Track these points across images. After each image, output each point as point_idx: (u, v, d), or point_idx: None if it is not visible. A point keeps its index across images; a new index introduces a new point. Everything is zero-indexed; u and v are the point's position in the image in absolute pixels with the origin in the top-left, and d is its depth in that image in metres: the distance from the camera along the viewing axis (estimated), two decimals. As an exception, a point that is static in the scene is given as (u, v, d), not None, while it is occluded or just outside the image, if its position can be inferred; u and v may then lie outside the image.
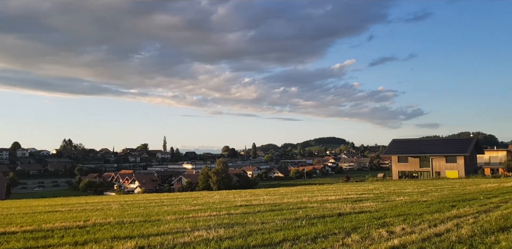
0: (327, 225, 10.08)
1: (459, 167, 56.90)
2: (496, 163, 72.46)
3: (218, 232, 9.32)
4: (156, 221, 12.26)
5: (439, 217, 11.17)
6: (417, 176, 59.71)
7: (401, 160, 62.37)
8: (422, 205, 15.05)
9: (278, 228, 9.92)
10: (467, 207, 13.71)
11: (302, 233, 8.95)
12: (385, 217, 11.63)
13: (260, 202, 18.64)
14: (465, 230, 8.76)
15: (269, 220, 11.51)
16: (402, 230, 9.16)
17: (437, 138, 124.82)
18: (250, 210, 14.71)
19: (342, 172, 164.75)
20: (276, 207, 15.95)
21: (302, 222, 10.70)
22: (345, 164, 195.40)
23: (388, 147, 68.10)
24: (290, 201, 18.65)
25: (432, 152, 60.00)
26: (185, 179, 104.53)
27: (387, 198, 19.13)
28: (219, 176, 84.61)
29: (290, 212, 13.45)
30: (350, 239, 8.17)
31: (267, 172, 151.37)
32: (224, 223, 11.06)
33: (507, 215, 11.24)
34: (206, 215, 13.61)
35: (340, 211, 13.20)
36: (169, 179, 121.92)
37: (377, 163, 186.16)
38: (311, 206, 15.77)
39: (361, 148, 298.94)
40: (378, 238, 8.28)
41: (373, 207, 14.69)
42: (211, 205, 18.77)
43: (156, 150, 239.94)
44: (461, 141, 66.39)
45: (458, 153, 57.75)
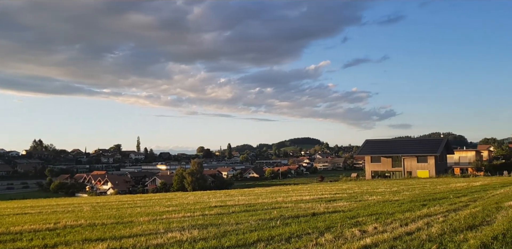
0: (301, 225, 10.13)
1: (430, 167, 58.21)
2: (466, 163, 74.43)
3: (192, 233, 9.25)
4: (128, 223, 12.07)
5: (410, 216, 11.38)
6: (390, 175, 60.78)
7: (374, 160, 63.36)
8: (394, 204, 15.32)
9: (253, 228, 9.92)
10: (437, 206, 14.02)
11: (276, 233, 8.97)
12: (358, 216, 11.79)
13: (235, 203, 18.61)
14: (435, 229, 8.94)
15: (243, 220, 11.49)
16: (374, 229, 9.29)
17: (408, 138, 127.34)
18: (224, 211, 14.66)
19: (317, 172, 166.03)
20: (251, 207, 15.95)
21: (276, 222, 10.73)
22: (319, 164, 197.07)
23: (362, 147, 69.09)
24: (265, 201, 18.68)
25: (404, 152, 61.18)
26: (159, 180, 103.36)
27: (360, 197, 19.39)
28: (193, 176, 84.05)
29: (265, 212, 13.47)
30: (323, 238, 8.23)
31: (242, 172, 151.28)
32: (198, 224, 10.99)
33: (475, 213, 11.55)
34: (180, 216, 13.49)
35: (314, 211, 13.30)
36: (142, 180, 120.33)
37: (351, 163, 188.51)
38: (285, 206, 15.84)
39: (335, 148, 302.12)
40: (351, 237, 8.38)
41: (346, 206, 14.86)
42: (185, 206, 18.62)
43: (130, 151, 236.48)
44: (431, 141, 67.99)
45: (429, 153, 59.08)
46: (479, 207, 13.19)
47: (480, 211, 11.99)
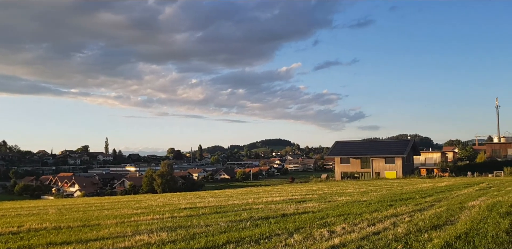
0: (271, 226, 10.16)
1: (397, 168, 59.50)
2: (431, 164, 76.42)
3: (160, 236, 9.13)
4: (95, 226, 11.83)
5: (378, 216, 11.60)
6: (358, 176, 61.78)
7: (344, 161, 64.28)
8: (362, 204, 15.58)
9: (222, 230, 9.88)
10: (404, 206, 14.34)
11: (246, 235, 8.97)
12: (327, 217, 11.92)
13: (205, 204, 18.52)
14: (401, 229, 9.14)
15: (213, 222, 11.45)
16: (342, 229, 9.42)
17: (377, 140, 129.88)
18: (194, 213, 14.56)
19: (288, 173, 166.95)
20: (221, 209, 15.90)
21: (246, 224, 10.73)
22: (290, 165, 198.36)
23: (332, 148, 69.98)
24: (235, 203, 18.66)
25: (372, 153, 62.32)
26: (128, 182, 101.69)
27: (330, 198, 19.64)
28: (163, 178, 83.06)
29: (235, 214, 13.46)
30: (292, 239, 8.28)
31: (213, 174, 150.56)
32: (167, 227, 10.87)
33: (440, 213, 11.87)
34: (149, 218, 13.32)
35: (284, 212, 13.38)
36: (111, 182, 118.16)
37: (321, 164, 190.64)
38: (256, 207, 15.87)
39: (306, 150, 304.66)
40: (320, 238, 8.46)
41: (316, 207, 15.01)
42: (154, 208, 18.40)
43: (98, 152, 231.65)
44: (399, 143, 69.52)
45: (396, 154, 60.37)
46: (443, 207, 13.56)
47: (445, 211, 12.33)
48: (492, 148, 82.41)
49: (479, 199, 15.93)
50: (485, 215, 11.06)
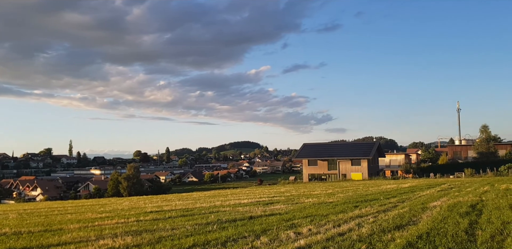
0: (238, 229, 10.16)
1: (363, 170, 60.61)
2: (396, 166, 78.31)
3: (125, 240, 8.97)
4: (58, 231, 11.51)
5: (343, 217, 11.78)
6: (326, 178, 62.57)
7: (311, 163, 64.96)
8: (328, 206, 15.78)
9: (189, 233, 9.80)
10: (369, 207, 14.62)
11: (212, 238, 8.93)
12: (293, 218, 12.01)
13: (172, 208, 18.32)
14: (365, 229, 9.31)
15: (179, 225, 11.34)
16: (308, 231, 9.51)
17: (344, 142, 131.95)
18: (160, 216, 14.38)
19: (256, 175, 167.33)
20: (188, 212, 15.78)
21: (213, 227, 10.68)
22: (259, 167, 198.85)
23: (299, 150, 70.62)
24: (203, 206, 18.56)
25: (339, 155, 63.27)
26: (92, 185, 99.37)
27: (297, 200, 19.80)
28: (130, 181, 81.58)
29: (202, 217, 13.38)
30: (259, 241, 8.30)
31: (181, 176, 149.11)
32: (132, 231, 10.68)
33: (403, 214, 12.16)
34: (114, 222, 13.06)
35: (251, 214, 13.39)
36: (75, 186, 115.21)
37: (289, 166, 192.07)
38: (223, 210, 15.82)
39: (274, 152, 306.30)
40: (286, 239, 8.52)
41: (283, 209, 15.10)
42: (119, 212, 18.07)
43: (61, 155, 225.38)
44: (365, 145, 70.84)
45: (362, 156, 61.51)
46: (406, 208, 13.91)
47: (407, 212, 12.65)
48: (454, 150, 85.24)
49: (440, 200, 16.42)
50: (446, 215, 11.41)
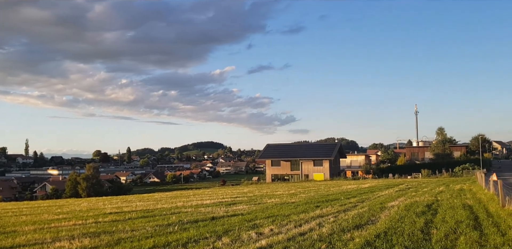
0: (200, 230, 10.08)
1: (325, 170, 61.56)
2: (356, 166, 79.98)
3: (82, 242, 8.72)
4: (11, 233, 11.07)
5: (305, 217, 11.91)
6: (289, 178, 63.12)
7: (274, 163, 65.37)
8: (290, 206, 15.93)
9: (149, 235, 9.64)
10: (330, 207, 14.86)
11: (173, 239, 8.82)
12: (256, 219, 12.05)
13: (132, 209, 17.99)
14: (326, 229, 9.45)
15: (140, 227, 11.14)
16: (270, 231, 9.55)
17: (306, 143, 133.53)
18: (120, 218, 14.09)
19: (220, 176, 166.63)
20: (149, 213, 15.53)
21: (174, 228, 10.56)
22: (222, 168, 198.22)
23: (263, 151, 70.92)
24: (164, 207, 18.32)
25: (301, 156, 63.99)
26: (50, 186, 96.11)
27: (260, 200, 19.88)
28: (89, 182, 79.42)
29: (163, 218, 13.20)
30: (220, 242, 8.27)
31: (142, 177, 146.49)
32: (90, 232, 10.41)
33: (362, 213, 12.44)
34: (71, 224, 12.68)
35: (213, 215, 13.33)
36: (31, 186, 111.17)
37: (253, 167, 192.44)
38: (185, 211, 15.67)
39: (238, 152, 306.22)
40: (248, 239, 8.52)
41: (245, 209, 15.12)
42: (77, 213, 17.58)
43: (17, 154, 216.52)
44: (327, 146, 71.97)
45: (324, 157, 62.45)
46: (366, 208, 14.23)
47: (367, 211, 12.94)
48: (412, 151, 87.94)
49: (398, 200, 16.90)
50: (403, 214, 11.75)
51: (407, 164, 77.71)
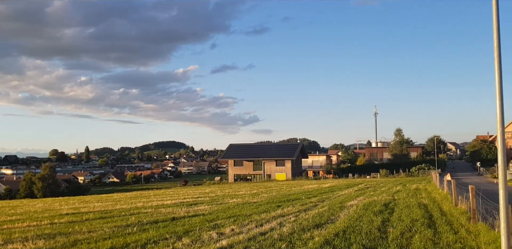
0: (159, 230, 9.94)
1: (287, 170, 62.13)
2: (318, 166, 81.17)
3: (36, 244, 8.42)
4: (-42, 236, 10.51)
5: (266, 217, 11.97)
6: (251, 178, 63.29)
7: (237, 163, 65.39)
8: (252, 206, 15.97)
9: (107, 236, 9.42)
10: (291, 206, 15.01)
11: (132, 240, 8.65)
12: (217, 219, 12.00)
13: (90, 210, 17.54)
14: (287, 228, 9.54)
15: (97, 228, 10.86)
16: (231, 231, 9.54)
17: (269, 143, 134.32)
18: (77, 219, 13.70)
19: (181, 176, 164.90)
20: (107, 214, 15.18)
21: (133, 229, 10.36)
22: (184, 168, 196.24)
23: (226, 151, 70.79)
24: (123, 207, 17.96)
25: (264, 156, 64.30)
26: (3, 186, 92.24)
27: (222, 200, 19.83)
28: (45, 182, 76.78)
29: (122, 219, 12.93)
30: (181, 243, 8.18)
31: (101, 177, 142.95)
32: (45, 234, 10.06)
33: (322, 213, 12.63)
34: (25, 225, 12.22)
35: (174, 216, 13.18)
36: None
37: (215, 167, 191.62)
38: (145, 211, 15.42)
39: (200, 152, 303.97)
40: (208, 240, 8.48)
41: (207, 210, 15.04)
42: (32, 214, 16.96)
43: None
44: (289, 146, 72.67)
45: (286, 157, 63.03)
46: (326, 207, 14.46)
47: (327, 211, 13.15)
48: (371, 152, 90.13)
49: (357, 199, 17.28)
50: (361, 213, 12.03)
51: (366, 164, 79.60)
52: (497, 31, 5.74)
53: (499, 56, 5.71)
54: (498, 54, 5.71)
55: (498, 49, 5.72)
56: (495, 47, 5.71)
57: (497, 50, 5.71)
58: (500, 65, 5.72)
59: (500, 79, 5.69)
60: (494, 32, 5.73)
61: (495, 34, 5.73)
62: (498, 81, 5.68)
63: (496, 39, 5.73)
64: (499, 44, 5.73)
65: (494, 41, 5.73)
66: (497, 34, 5.73)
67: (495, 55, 5.70)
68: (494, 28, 5.75)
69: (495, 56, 5.70)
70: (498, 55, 5.71)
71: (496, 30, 5.74)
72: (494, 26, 5.75)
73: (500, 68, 5.70)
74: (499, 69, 5.70)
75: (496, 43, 5.72)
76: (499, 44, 5.73)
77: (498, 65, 5.70)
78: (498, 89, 5.69)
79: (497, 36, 5.73)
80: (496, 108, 5.70)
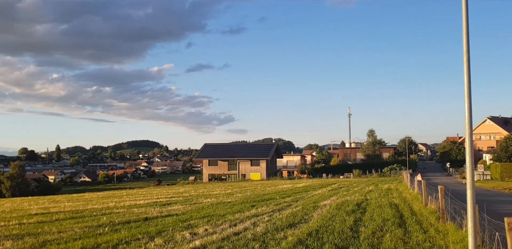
0: (132, 231, 9.81)
1: (262, 170, 62.28)
2: (292, 166, 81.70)
3: (4, 245, 8.20)
4: None
5: (240, 217, 11.97)
6: (226, 178, 63.17)
7: (212, 163, 65.15)
8: (226, 206, 15.94)
9: (77, 236, 9.23)
10: (265, 206, 15.05)
11: (103, 241, 8.51)
12: (191, 219, 11.93)
13: (60, 209, 17.17)
14: (260, 228, 9.56)
15: (67, 228, 10.64)
16: (205, 231, 9.50)
17: (244, 143, 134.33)
18: (47, 219, 13.38)
19: (155, 175, 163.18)
20: (78, 214, 14.89)
21: (105, 229, 10.19)
22: (158, 167, 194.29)
23: (200, 150, 70.44)
24: (95, 207, 17.65)
25: (239, 156, 64.29)
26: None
27: (196, 200, 19.71)
28: (13, 181, 74.72)
29: (93, 219, 12.70)
30: (153, 243, 8.09)
31: (72, 176, 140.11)
32: (12, 234, 9.79)
33: (296, 212, 12.72)
34: (-9, 226, 11.85)
35: (147, 216, 13.03)
36: None
37: (189, 166, 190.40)
38: (117, 211, 15.18)
39: (175, 152, 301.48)
40: (181, 240, 8.41)
41: (180, 210, 14.93)
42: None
43: None
44: (264, 146, 72.85)
45: (261, 157, 63.18)
46: (299, 207, 14.56)
47: (300, 210, 13.25)
48: (344, 152, 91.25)
49: (330, 199, 17.47)
50: (334, 213, 12.17)
51: (340, 164, 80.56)
52: (466, 34, 5.89)
53: (468, 59, 5.86)
54: (467, 58, 5.87)
55: (467, 52, 5.88)
56: (464, 50, 5.87)
57: (466, 53, 5.86)
58: (469, 68, 5.87)
59: (468, 82, 5.84)
60: (464, 35, 5.88)
61: (465, 37, 5.88)
62: (466, 84, 5.84)
63: (466, 42, 5.88)
64: (468, 47, 5.89)
65: (464, 43, 5.88)
66: (467, 37, 5.88)
67: (464, 58, 5.85)
68: (463, 31, 5.90)
69: (464, 59, 5.85)
70: (467, 58, 5.87)
71: (465, 33, 5.90)
72: (464, 29, 5.90)
73: (469, 71, 5.86)
74: (468, 72, 5.85)
75: (465, 46, 5.87)
76: (468, 47, 5.88)
77: (467, 68, 5.86)
78: (467, 92, 5.84)
79: (466, 38, 5.88)
80: (465, 110, 5.85)
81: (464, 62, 5.85)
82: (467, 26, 5.90)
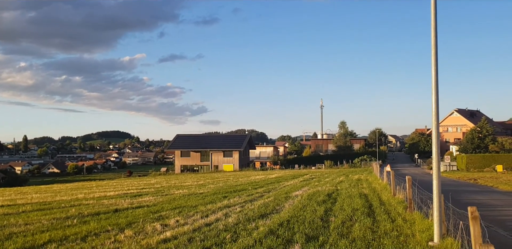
0: (101, 222, 9.67)
1: (235, 161, 62.36)
2: (265, 157, 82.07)
3: (-34, 239, 7.93)
4: None
5: (212, 208, 11.98)
6: (198, 169, 62.97)
7: (184, 154, 64.75)
8: (198, 197, 15.91)
9: (45, 228, 9.05)
10: (237, 197, 15.10)
11: (71, 233, 8.36)
12: (162, 210, 11.86)
13: (27, 201, 16.76)
14: (232, 219, 9.59)
15: (35, 220, 10.41)
16: (176, 222, 9.46)
17: (217, 134, 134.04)
18: (13, 211, 13.04)
19: (126, 166, 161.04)
20: (46, 205, 14.58)
21: (73, 221, 10.01)
22: (129, 158, 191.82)
23: (172, 141, 69.89)
24: (63, 199, 17.33)
25: (212, 147, 64.12)
26: None
27: (167, 191, 19.59)
28: (-22, 172, 72.47)
29: (61, 211, 12.46)
30: (123, 235, 8.01)
31: (40, 167, 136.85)
32: (-24, 228, 9.49)
33: (268, 203, 12.81)
34: (-47, 219, 11.45)
35: (117, 207, 12.88)
36: None
37: (161, 158, 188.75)
38: (86, 203, 14.94)
39: (146, 143, 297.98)
40: (152, 232, 8.36)
41: (151, 201, 14.82)
42: (-38, 207, 15.92)
43: None
44: (237, 137, 72.89)
45: (234, 148, 63.21)
46: (271, 197, 14.68)
47: (272, 201, 13.36)
48: (316, 143, 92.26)
49: (302, 189, 17.67)
50: (306, 203, 12.32)
51: (312, 156, 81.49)
52: (434, 28, 6.00)
53: (436, 53, 5.98)
54: (435, 52, 5.99)
55: (435, 46, 6.00)
56: (432, 44, 5.98)
57: (434, 47, 5.99)
58: (437, 61, 6.00)
59: (436, 75, 5.97)
60: (432, 29, 5.99)
61: (433, 31, 5.99)
62: (434, 77, 5.97)
63: (434, 37, 6.00)
64: (436, 41, 6.00)
65: (432, 38, 6.00)
66: (435, 31, 6.00)
67: (432, 52, 5.97)
68: (432, 25, 6.01)
69: (432, 53, 5.97)
70: (435, 52, 5.99)
71: (433, 27, 6.01)
72: (432, 24, 6.01)
73: (436, 64, 5.98)
74: (435, 65, 5.98)
75: (433, 40, 5.99)
76: (436, 41, 6.00)
77: (434, 61, 5.98)
78: (434, 85, 5.97)
79: (434, 33, 6.00)
80: (432, 103, 5.99)
81: (432, 56, 5.97)
82: (435, 20, 6.01)
